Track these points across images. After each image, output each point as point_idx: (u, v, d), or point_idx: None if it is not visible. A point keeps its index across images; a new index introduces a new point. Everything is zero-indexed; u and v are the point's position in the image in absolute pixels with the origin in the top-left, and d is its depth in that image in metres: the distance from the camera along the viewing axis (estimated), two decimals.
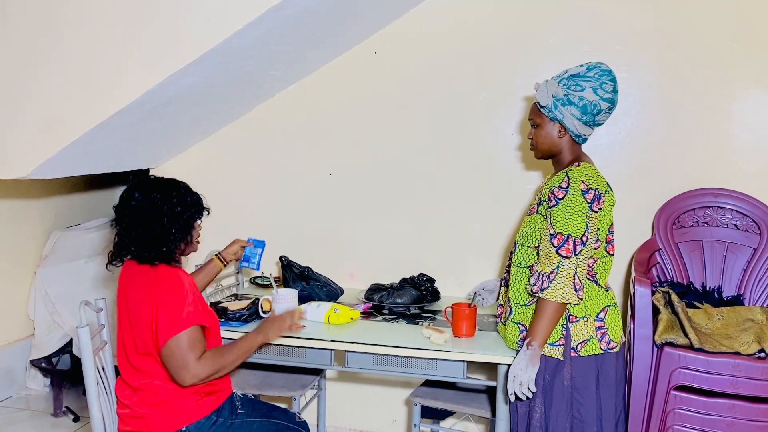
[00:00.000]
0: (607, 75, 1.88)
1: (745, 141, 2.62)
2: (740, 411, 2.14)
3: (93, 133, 2.41)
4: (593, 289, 1.93)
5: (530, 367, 1.83)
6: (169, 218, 1.88)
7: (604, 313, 1.93)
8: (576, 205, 1.83)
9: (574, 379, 1.90)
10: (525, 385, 1.83)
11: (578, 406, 1.90)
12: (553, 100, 1.91)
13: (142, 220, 1.86)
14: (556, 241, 1.83)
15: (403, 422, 3.07)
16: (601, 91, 1.86)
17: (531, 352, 1.84)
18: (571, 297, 1.81)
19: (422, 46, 2.85)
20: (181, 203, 1.92)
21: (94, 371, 1.88)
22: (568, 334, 1.90)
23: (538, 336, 1.84)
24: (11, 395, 3.46)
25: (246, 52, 2.40)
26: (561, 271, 1.81)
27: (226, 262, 2.42)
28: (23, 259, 3.49)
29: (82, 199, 3.96)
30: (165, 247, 1.88)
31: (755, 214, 2.55)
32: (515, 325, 2.00)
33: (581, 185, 1.84)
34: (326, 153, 3.01)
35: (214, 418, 1.96)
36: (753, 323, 2.32)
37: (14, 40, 2.44)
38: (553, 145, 1.98)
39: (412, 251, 2.93)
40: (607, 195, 1.88)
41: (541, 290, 1.83)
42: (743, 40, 2.57)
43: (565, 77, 1.91)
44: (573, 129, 1.92)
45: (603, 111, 1.89)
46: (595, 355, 1.90)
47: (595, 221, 1.85)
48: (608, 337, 1.92)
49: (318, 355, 2.24)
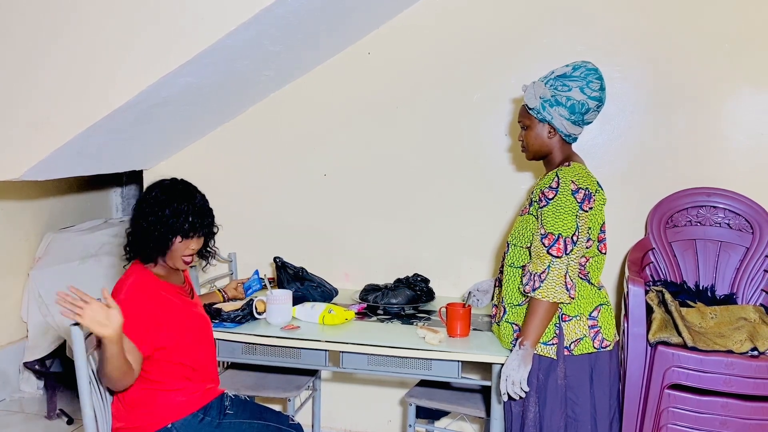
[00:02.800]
0: (593, 73, 1.89)
1: (738, 140, 2.63)
2: (734, 409, 2.15)
3: (86, 134, 2.40)
4: (586, 288, 1.94)
5: (522, 366, 1.84)
6: (147, 222, 1.92)
7: (597, 312, 1.94)
8: (566, 205, 1.84)
9: (568, 378, 1.91)
10: (517, 384, 1.84)
11: (572, 405, 1.91)
12: (541, 101, 1.92)
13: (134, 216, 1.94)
14: (547, 241, 1.84)
15: (398, 423, 3.06)
16: (588, 90, 1.87)
17: (523, 351, 1.85)
18: (562, 296, 1.82)
19: (416, 47, 2.85)
20: (160, 215, 1.91)
21: (87, 371, 1.86)
22: (561, 333, 1.91)
23: (530, 335, 1.85)
24: (4, 398, 3.44)
25: (240, 52, 2.40)
26: (552, 270, 1.82)
27: (227, 296, 2.55)
28: (16, 261, 3.48)
29: (76, 200, 3.95)
30: (132, 247, 1.94)
31: (748, 213, 2.56)
32: (509, 325, 2.01)
33: (571, 185, 1.85)
34: (320, 154, 3.01)
35: (201, 415, 1.95)
36: (746, 322, 2.33)
37: (7, 42, 2.43)
38: (544, 146, 1.99)
39: (406, 251, 2.93)
40: (597, 194, 1.89)
41: (533, 290, 1.84)
42: (736, 40, 2.59)
43: (551, 78, 1.93)
44: (562, 129, 1.93)
45: (591, 109, 1.90)
46: (588, 354, 1.91)
47: (585, 220, 1.86)
48: (601, 335, 1.93)
49: (313, 355, 2.24)
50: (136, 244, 1.94)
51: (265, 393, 2.53)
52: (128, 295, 1.86)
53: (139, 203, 1.96)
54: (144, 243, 1.92)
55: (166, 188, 1.96)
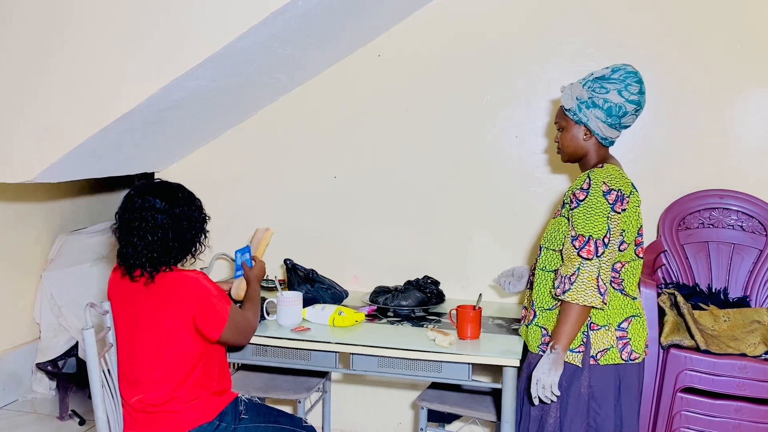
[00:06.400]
0: (632, 76, 1.85)
1: (750, 142, 2.61)
2: (747, 413, 2.14)
3: (98, 136, 2.41)
4: (617, 298, 1.88)
5: (553, 370, 1.80)
6: (191, 223, 1.96)
7: (628, 323, 1.88)
8: (597, 206, 1.80)
9: (592, 388, 1.86)
10: (548, 388, 1.80)
11: (595, 415, 1.87)
12: (578, 102, 1.90)
13: (170, 227, 1.91)
14: (578, 243, 1.80)
15: (408, 425, 3.06)
16: (627, 93, 1.84)
17: (554, 355, 1.81)
18: (594, 300, 1.77)
19: (426, 49, 2.85)
20: (199, 209, 2.01)
21: (99, 373, 1.88)
22: (588, 341, 1.86)
23: (561, 339, 1.81)
24: (17, 399, 3.47)
25: (250, 55, 2.40)
26: (582, 273, 1.78)
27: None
28: (29, 262, 3.51)
29: (88, 202, 3.97)
30: (172, 257, 1.94)
31: (761, 216, 2.54)
32: (538, 329, 1.97)
33: (603, 186, 1.82)
34: (330, 156, 3.01)
35: (217, 422, 1.95)
36: (759, 325, 2.32)
37: (19, 44, 2.45)
38: (579, 148, 1.96)
39: (416, 254, 2.93)
40: (632, 196, 1.85)
41: (563, 293, 1.80)
42: (747, 42, 2.57)
43: (590, 80, 1.90)
44: (598, 132, 1.90)
45: (629, 113, 1.86)
46: (615, 365, 1.86)
47: (618, 222, 1.81)
48: (630, 347, 1.87)
49: (323, 357, 2.24)
50: (181, 245, 1.95)
51: (275, 395, 2.53)
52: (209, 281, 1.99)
53: (171, 210, 1.92)
54: (187, 243, 1.97)
55: (174, 187, 1.99)
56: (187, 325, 1.90)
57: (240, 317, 2.02)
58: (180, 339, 1.90)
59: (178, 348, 1.91)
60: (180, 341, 1.90)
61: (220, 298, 1.95)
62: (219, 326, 1.92)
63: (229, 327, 1.94)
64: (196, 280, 1.92)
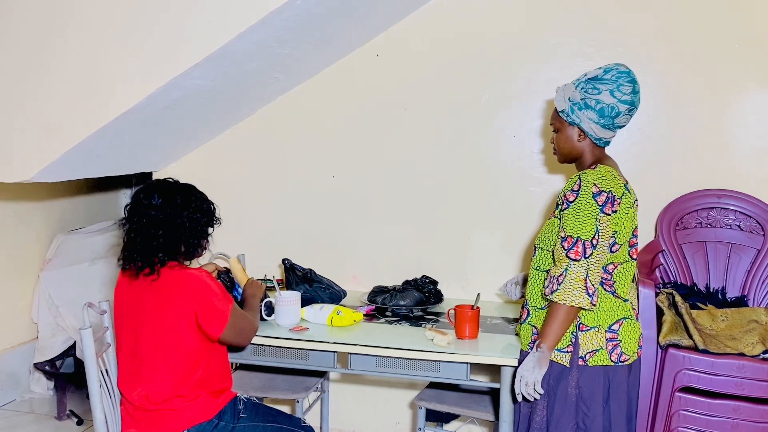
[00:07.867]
0: (625, 76, 1.85)
1: (748, 142, 2.61)
2: (745, 412, 2.14)
3: (96, 136, 2.41)
4: (608, 300, 1.88)
5: (537, 368, 1.82)
6: (190, 223, 1.97)
7: (618, 325, 1.88)
8: (585, 208, 1.81)
9: (581, 389, 1.87)
10: (531, 385, 1.82)
11: (584, 416, 1.87)
12: (570, 104, 1.90)
13: (162, 224, 1.93)
14: (566, 244, 1.81)
15: (406, 425, 3.06)
16: (619, 93, 1.84)
17: (539, 354, 1.83)
18: (581, 301, 1.77)
19: (424, 49, 2.85)
20: (200, 209, 2.01)
21: (97, 373, 1.88)
22: (576, 341, 1.87)
23: (548, 339, 1.82)
24: (15, 399, 3.46)
25: (248, 55, 2.40)
26: (569, 273, 1.79)
27: None
28: (27, 262, 3.50)
29: (86, 202, 3.97)
30: (177, 251, 1.96)
31: (759, 215, 2.54)
32: (530, 327, 1.98)
33: (592, 188, 1.82)
34: (329, 155, 3.01)
35: (216, 421, 1.96)
36: (757, 324, 2.32)
37: (18, 44, 2.45)
38: (574, 149, 1.97)
39: (414, 253, 2.93)
40: (624, 197, 1.85)
41: (551, 293, 1.81)
42: (746, 41, 2.57)
43: (582, 81, 1.90)
44: (591, 133, 1.90)
45: (622, 113, 1.86)
46: (604, 366, 1.86)
47: (608, 224, 1.81)
48: (620, 349, 1.87)
49: (321, 357, 2.24)
50: (185, 241, 1.98)
51: (273, 394, 2.53)
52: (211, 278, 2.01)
53: (171, 206, 1.96)
54: (193, 238, 1.99)
55: (181, 186, 2.02)
56: (189, 322, 1.91)
57: (241, 317, 2.02)
58: (182, 335, 1.91)
59: (180, 344, 1.92)
60: (182, 337, 1.92)
61: (222, 297, 1.97)
62: (220, 324, 1.93)
63: (230, 326, 1.95)
64: (200, 278, 1.94)
